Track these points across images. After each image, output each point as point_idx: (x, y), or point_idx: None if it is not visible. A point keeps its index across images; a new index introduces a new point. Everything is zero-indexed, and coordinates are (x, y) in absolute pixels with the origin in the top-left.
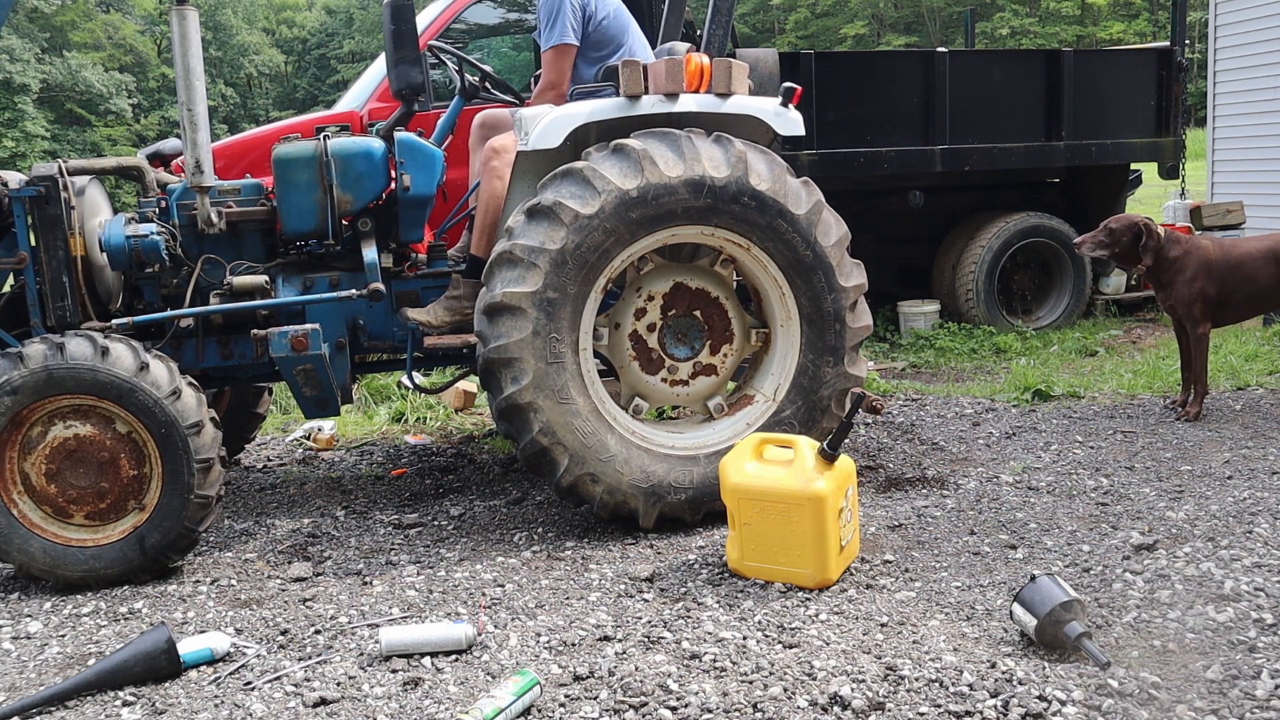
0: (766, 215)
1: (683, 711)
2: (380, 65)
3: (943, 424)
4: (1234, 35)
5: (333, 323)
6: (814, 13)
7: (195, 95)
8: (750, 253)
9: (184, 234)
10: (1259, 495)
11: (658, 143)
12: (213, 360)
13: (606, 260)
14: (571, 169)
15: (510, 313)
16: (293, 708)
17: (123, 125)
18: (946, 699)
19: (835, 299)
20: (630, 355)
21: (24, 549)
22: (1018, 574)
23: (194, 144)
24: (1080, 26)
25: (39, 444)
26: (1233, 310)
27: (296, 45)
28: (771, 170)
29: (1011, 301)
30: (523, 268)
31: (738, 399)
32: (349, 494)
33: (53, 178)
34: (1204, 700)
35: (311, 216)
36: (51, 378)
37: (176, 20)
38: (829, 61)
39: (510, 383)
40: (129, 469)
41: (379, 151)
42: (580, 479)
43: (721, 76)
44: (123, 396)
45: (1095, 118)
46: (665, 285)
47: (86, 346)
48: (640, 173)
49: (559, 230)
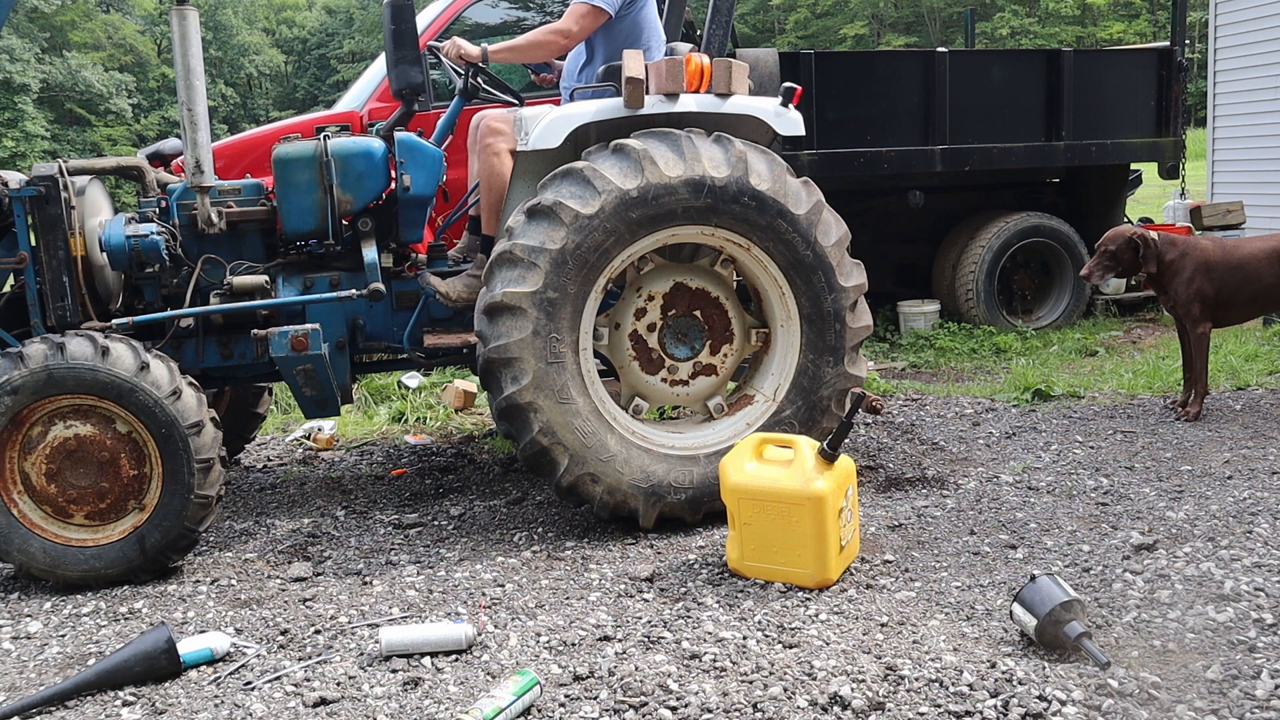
0: (766, 215)
1: (683, 711)
2: (380, 65)
3: (943, 424)
4: (1234, 35)
5: (333, 323)
6: (814, 13)
7: (195, 95)
8: (750, 253)
9: (184, 234)
10: (1259, 495)
11: (658, 143)
12: (213, 360)
13: (607, 260)
14: (572, 169)
15: (510, 312)
16: (293, 708)
17: (123, 125)
18: (946, 699)
19: (835, 299)
20: (630, 355)
21: (24, 549)
22: (1018, 574)
23: (194, 144)
24: (1080, 26)
25: (39, 444)
26: (1236, 311)
27: (296, 45)
28: (772, 170)
29: (1011, 301)
30: (523, 267)
31: (738, 399)
32: (349, 494)
33: (53, 178)
34: (1204, 700)
35: (312, 216)
36: (52, 377)
37: (176, 20)
38: (829, 61)
39: (510, 383)
40: (129, 469)
41: (379, 151)
42: (580, 479)
43: (722, 77)
44: (123, 396)
45: (1095, 118)
46: (665, 285)
47: (87, 346)
48: (641, 173)
49: (559, 230)
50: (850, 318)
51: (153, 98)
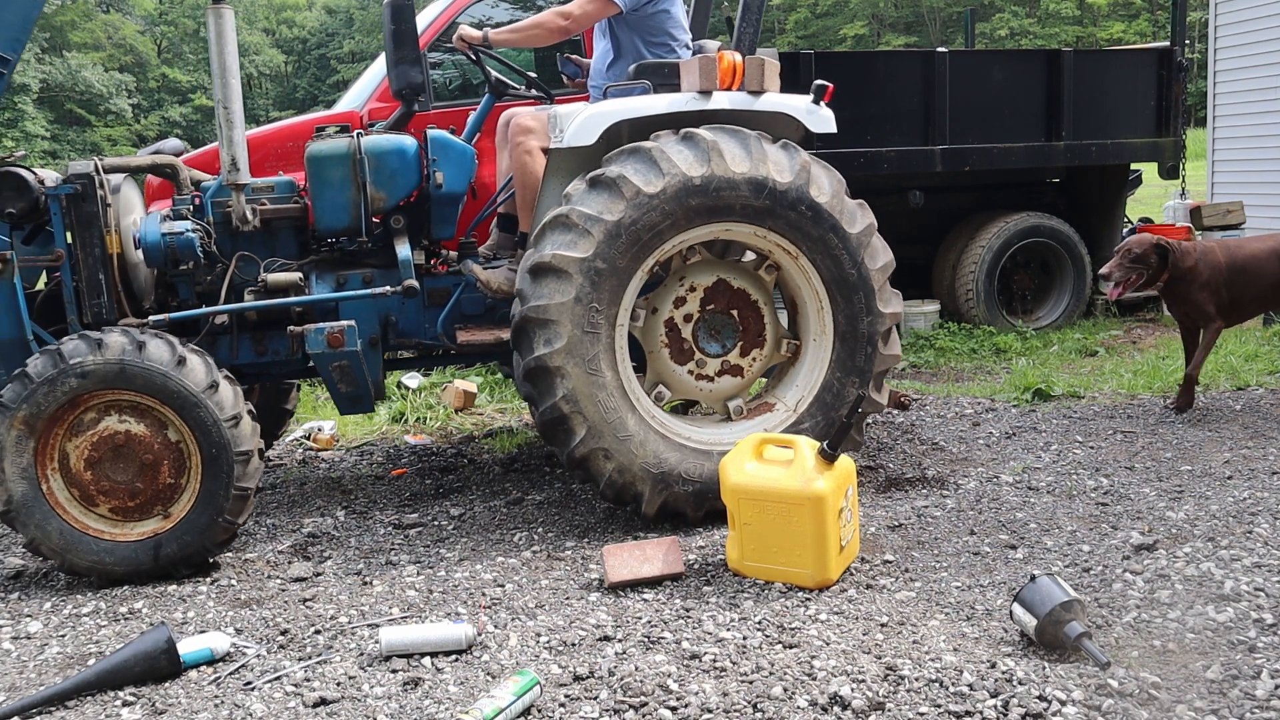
0: (820, 227)
1: (683, 711)
2: (380, 65)
3: (943, 424)
4: (1234, 35)
5: (366, 319)
6: (814, 13)
7: (231, 93)
8: (798, 262)
9: (218, 231)
10: (1259, 495)
11: (728, 138)
12: (247, 357)
13: (659, 242)
14: (640, 147)
15: (556, 274)
16: (293, 708)
17: (122, 125)
18: (946, 699)
19: (872, 322)
20: (662, 341)
21: (42, 525)
22: (1018, 574)
23: (230, 141)
24: (1080, 27)
25: (88, 429)
26: (1242, 310)
27: (296, 45)
28: (832, 185)
29: (1011, 301)
30: (576, 233)
31: (758, 405)
32: (349, 494)
33: (89, 175)
34: (1204, 700)
35: (345, 213)
36: (124, 373)
37: (213, 19)
38: (829, 61)
39: (543, 344)
40: (167, 476)
41: (412, 149)
42: (594, 452)
43: (754, 74)
44: (185, 409)
45: (1095, 118)
46: (709, 279)
47: (165, 351)
48: (708, 162)
49: (619, 203)
50: (882, 344)
51: (152, 98)
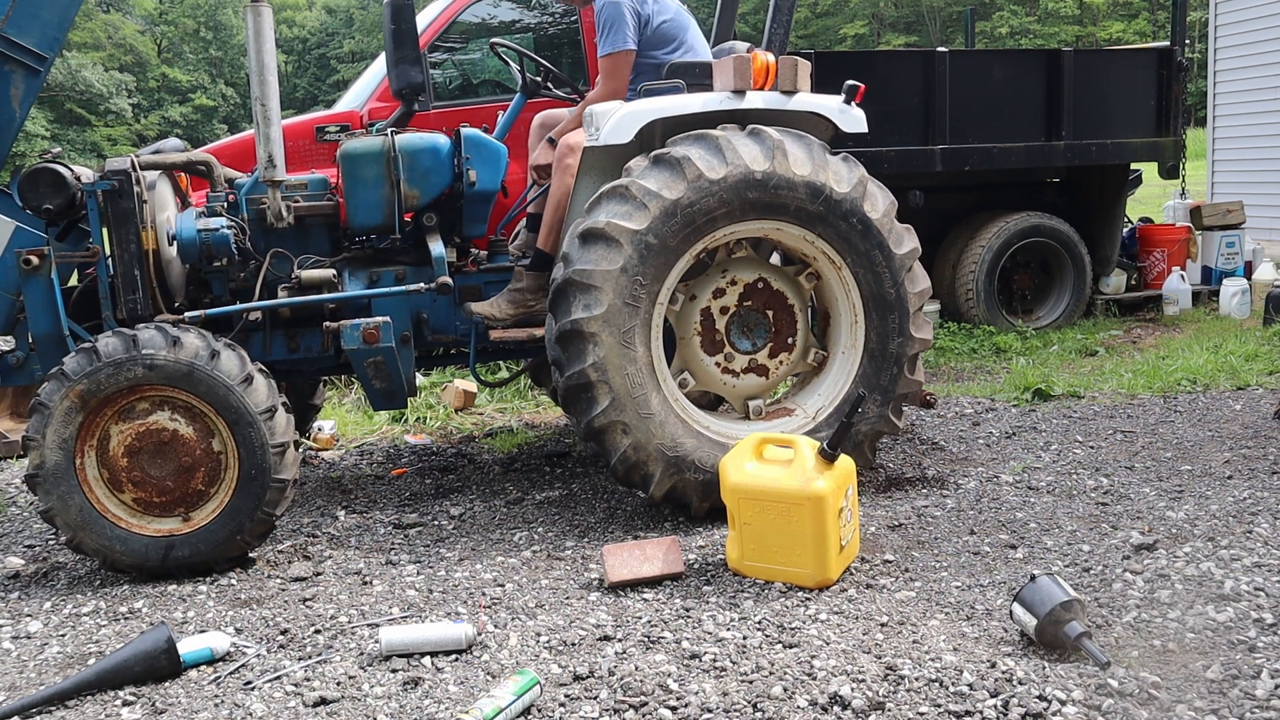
0: (868, 242)
1: (683, 711)
2: (380, 65)
3: (943, 424)
4: (1234, 35)
5: (399, 316)
6: (814, 13)
7: (269, 90)
8: (840, 273)
9: (252, 228)
10: (1259, 495)
11: (793, 140)
12: (279, 353)
13: (712, 228)
14: (707, 134)
15: (606, 242)
16: (293, 707)
17: (123, 125)
18: (946, 699)
19: (902, 344)
20: (695, 330)
21: (65, 497)
22: (1018, 574)
23: (266, 138)
24: (1080, 26)
25: (138, 418)
26: None
27: (296, 45)
28: (885, 204)
29: (1011, 301)
30: (634, 205)
31: (777, 408)
32: (349, 494)
33: (126, 172)
34: (1204, 700)
35: (378, 211)
36: (192, 375)
37: (251, 17)
38: (829, 61)
39: (582, 308)
40: (199, 482)
41: (445, 147)
42: (612, 425)
43: (787, 74)
44: (239, 425)
45: (1095, 117)
46: (751, 276)
47: (236, 364)
48: (771, 159)
49: (680, 182)
50: (909, 368)
51: (152, 98)
